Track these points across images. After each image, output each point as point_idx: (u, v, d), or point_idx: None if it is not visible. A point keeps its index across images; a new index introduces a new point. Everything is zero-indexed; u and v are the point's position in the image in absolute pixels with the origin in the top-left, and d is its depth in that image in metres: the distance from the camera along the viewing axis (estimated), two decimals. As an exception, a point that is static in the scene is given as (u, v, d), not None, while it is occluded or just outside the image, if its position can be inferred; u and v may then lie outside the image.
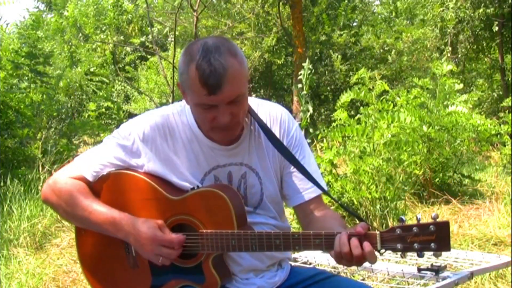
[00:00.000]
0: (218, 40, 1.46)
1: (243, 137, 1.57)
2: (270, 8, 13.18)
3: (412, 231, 1.35)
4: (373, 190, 4.03)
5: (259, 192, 1.58)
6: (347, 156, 4.44)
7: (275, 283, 1.62)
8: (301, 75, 4.05)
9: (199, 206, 1.49)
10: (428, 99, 5.49)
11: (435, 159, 5.46)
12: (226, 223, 1.46)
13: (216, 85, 1.39)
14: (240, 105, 1.46)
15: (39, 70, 7.14)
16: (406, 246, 1.36)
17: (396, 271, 2.19)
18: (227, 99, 1.42)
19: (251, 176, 1.58)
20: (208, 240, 1.47)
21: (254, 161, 1.58)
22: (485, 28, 12.01)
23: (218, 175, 1.56)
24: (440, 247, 1.34)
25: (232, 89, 1.41)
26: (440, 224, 1.34)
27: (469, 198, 5.41)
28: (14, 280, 3.27)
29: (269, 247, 1.45)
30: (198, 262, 1.50)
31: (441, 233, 1.34)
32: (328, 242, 1.40)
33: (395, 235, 1.36)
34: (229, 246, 1.46)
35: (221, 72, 1.39)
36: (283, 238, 1.43)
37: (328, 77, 13.44)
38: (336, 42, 13.28)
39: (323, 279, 1.62)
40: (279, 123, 1.60)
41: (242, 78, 1.44)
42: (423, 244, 1.35)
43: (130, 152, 1.55)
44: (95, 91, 11.69)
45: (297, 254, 2.53)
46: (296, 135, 1.62)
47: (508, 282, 3.05)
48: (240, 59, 1.44)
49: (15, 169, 5.50)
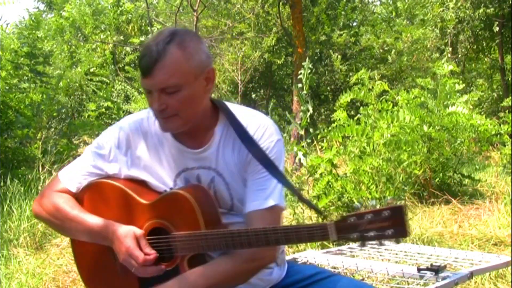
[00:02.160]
0: (179, 31, 1.48)
1: (212, 141, 1.56)
2: (270, 8, 13.18)
3: (366, 219, 1.29)
4: (373, 190, 4.03)
5: (228, 197, 1.58)
6: (347, 156, 4.44)
7: (271, 280, 1.61)
8: (301, 75, 4.05)
9: (168, 209, 1.51)
10: (428, 99, 5.49)
11: (435, 159, 5.47)
12: (194, 225, 1.47)
13: (147, 68, 1.42)
14: (175, 97, 1.45)
15: (39, 70, 7.14)
16: (362, 235, 1.30)
17: (396, 271, 2.19)
18: (157, 85, 1.43)
19: (219, 181, 1.57)
20: (180, 242, 1.48)
21: (221, 167, 1.56)
22: (485, 28, 12.02)
23: (188, 177, 1.57)
24: (397, 233, 1.27)
25: (163, 77, 1.42)
26: (394, 208, 1.27)
27: (469, 198, 5.40)
28: (14, 280, 3.27)
29: (237, 246, 1.43)
30: (176, 264, 1.51)
31: (396, 218, 1.27)
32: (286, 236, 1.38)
33: (349, 224, 1.31)
34: (199, 247, 1.46)
35: (155, 56, 1.41)
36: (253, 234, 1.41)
37: (328, 77, 13.44)
38: (336, 42, 13.27)
39: (323, 278, 1.61)
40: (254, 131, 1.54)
41: (180, 70, 1.43)
42: (379, 231, 1.28)
43: (108, 160, 1.60)
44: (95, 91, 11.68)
45: (297, 254, 2.53)
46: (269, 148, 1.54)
47: (508, 282, 3.05)
48: (187, 54, 1.44)
49: (15, 169, 5.50)
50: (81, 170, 1.63)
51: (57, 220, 1.60)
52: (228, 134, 1.56)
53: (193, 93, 1.48)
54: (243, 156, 1.55)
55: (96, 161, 1.61)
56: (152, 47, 1.42)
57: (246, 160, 1.54)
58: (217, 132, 1.57)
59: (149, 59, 1.42)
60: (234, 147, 1.56)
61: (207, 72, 1.50)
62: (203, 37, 12.75)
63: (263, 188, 1.51)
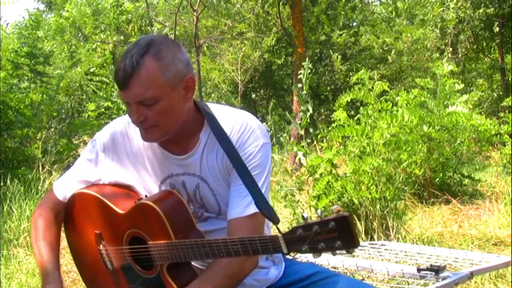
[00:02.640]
0: (156, 40, 1.44)
1: (197, 148, 1.54)
2: (270, 8, 13.17)
3: (312, 230, 1.24)
4: (373, 190, 4.03)
5: (215, 202, 1.56)
6: (347, 156, 4.44)
7: (267, 280, 1.59)
8: (301, 75, 4.05)
9: (140, 220, 1.50)
10: (428, 99, 5.49)
11: (435, 159, 5.47)
12: (164, 234, 1.45)
13: (122, 82, 1.40)
14: (154, 109, 1.42)
15: (39, 70, 7.14)
16: (311, 247, 1.26)
17: (396, 271, 2.19)
18: (133, 98, 1.41)
19: (204, 187, 1.56)
20: (155, 251, 1.47)
21: (205, 173, 1.55)
22: (485, 28, 12.01)
23: (174, 183, 1.56)
24: (345, 244, 1.22)
25: (139, 90, 1.39)
26: (340, 218, 1.22)
27: (469, 198, 5.41)
28: (14, 280, 3.27)
29: (208, 255, 1.41)
30: (157, 272, 1.51)
31: (342, 229, 1.22)
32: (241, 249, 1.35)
33: (297, 236, 1.26)
34: (172, 256, 1.45)
35: (129, 70, 1.38)
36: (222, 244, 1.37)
37: (328, 77, 13.44)
38: (336, 42, 13.27)
39: (322, 278, 1.59)
40: (241, 132, 1.52)
41: (156, 83, 1.40)
42: (328, 242, 1.24)
43: (95, 165, 1.61)
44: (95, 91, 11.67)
45: (297, 254, 2.52)
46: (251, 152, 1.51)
47: (508, 282, 3.05)
48: (163, 65, 1.40)
49: (15, 169, 5.50)
50: (71, 179, 1.65)
51: (32, 241, 1.70)
52: (213, 139, 1.53)
53: (172, 103, 1.44)
54: (227, 161, 1.51)
55: (84, 168, 1.63)
56: (126, 60, 1.39)
57: (229, 166, 1.52)
58: (202, 138, 1.55)
59: (124, 72, 1.39)
60: (218, 152, 1.53)
61: (185, 81, 1.46)
62: (204, 37, 12.76)
63: (244, 195, 1.47)
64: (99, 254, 1.60)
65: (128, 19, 15.73)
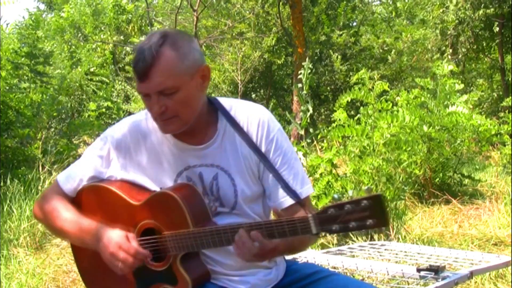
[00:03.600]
0: (170, 32, 1.48)
1: (215, 138, 1.56)
2: (270, 8, 13.18)
3: (345, 209, 1.27)
4: (373, 190, 4.03)
5: (232, 194, 1.56)
6: (347, 156, 4.44)
7: (271, 280, 1.60)
8: (301, 75, 4.05)
9: (157, 210, 1.50)
10: (428, 99, 5.49)
11: (435, 159, 5.47)
12: (183, 224, 1.46)
13: (143, 73, 1.42)
14: (174, 99, 1.45)
15: (39, 70, 7.14)
16: (342, 226, 1.27)
17: (396, 271, 2.19)
18: (154, 88, 1.43)
19: (223, 178, 1.55)
20: (171, 242, 1.48)
21: (226, 163, 1.55)
22: (485, 28, 12.01)
23: (190, 175, 1.56)
24: (377, 223, 1.24)
25: (160, 80, 1.42)
26: (373, 198, 1.25)
27: (469, 198, 5.40)
28: (14, 280, 3.27)
29: (228, 242, 1.42)
30: (168, 264, 1.51)
31: (375, 208, 1.24)
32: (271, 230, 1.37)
33: (328, 215, 1.28)
34: (189, 246, 1.46)
35: (149, 60, 1.41)
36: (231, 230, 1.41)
37: (328, 77, 13.44)
38: (336, 42, 13.28)
39: (322, 277, 1.59)
40: (257, 126, 1.56)
41: (176, 72, 1.43)
42: (359, 221, 1.26)
43: (106, 162, 1.60)
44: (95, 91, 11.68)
45: (297, 254, 2.52)
46: (276, 138, 1.56)
47: (508, 282, 3.05)
48: (181, 55, 1.44)
49: (15, 169, 5.50)
50: (79, 173, 1.62)
51: (53, 223, 1.61)
52: (231, 130, 1.56)
53: (191, 92, 1.48)
54: (251, 152, 1.55)
55: (95, 163, 1.61)
56: (145, 51, 1.42)
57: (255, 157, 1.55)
58: (219, 128, 1.56)
59: (144, 63, 1.42)
60: (239, 142, 1.55)
61: (202, 70, 1.50)
62: (204, 37, 12.76)
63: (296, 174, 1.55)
64: None
65: (128, 19, 15.74)
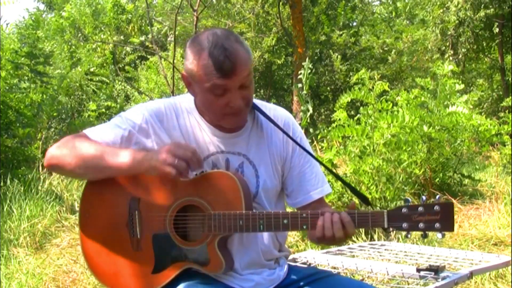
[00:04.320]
0: (225, 30, 1.54)
1: (245, 128, 1.62)
2: (270, 8, 13.18)
3: (417, 211, 1.40)
4: (373, 190, 4.03)
5: (254, 184, 1.60)
6: (347, 156, 4.44)
7: (274, 280, 1.62)
8: (301, 75, 4.05)
9: (208, 188, 1.52)
10: (428, 99, 5.49)
11: (435, 159, 5.46)
12: (235, 204, 1.49)
13: (231, 69, 1.46)
14: (250, 89, 1.53)
15: (39, 70, 7.14)
16: (411, 225, 1.41)
17: (396, 271, 2.19)
18: (239, 82, 1.48)
19: (248, 168, 1.60)
20: (216, 221, 1.49)
21: (252, 153, 1.61)
22: (485, 28, 12.02)
23: (216, 161, 1.59)
24: (444, 227, 1.39)
25: (245, 73, 1.49)
26: (445, 204, 1.39)
27: (469, 198, 5.40)
28: (14, 280, 3.27)
29: (277, 227, 1.48)
30: (203, 243, 1.51)
31: (445, 214, 1.38)
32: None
33: (401, 213, 1.41)
34: (236, 226, 1.48)
35: (235, 56, 1.46)
36: (291, 217, 1.47)
37: (328, 77, 13.44)
38: (336, 42, 13.28)
39: (322, 277, 1.62)
40: (283, 125, 1.64)
41: (249, 64, 1.51)
42: (428, 223, 1.39)
43: (140, 130, 1.57)
44: (95, 91, 11.68)
45: (297, 254, 2.53)
46: (300, 139, 1.66)
47: (508, 282, 3.05)
48: (246, 48, 1.52)
49: (15, 169, 5.50)
50: (111, 132, 1.56)
51: (86, 159, 1.51)
52: (259, 125, 1.63)
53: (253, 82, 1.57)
54: (280, 148, 1.63)
55: (129, 129, 1.56)
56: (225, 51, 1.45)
57: (283, 153, 1.63)
58: (248, 120, 1.62)
59: (231, 61, 1.45)
60: (267, 137, 1.63)
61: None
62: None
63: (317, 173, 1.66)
64: (128, 220, 1.56)
65: (128, 19, 15.74)
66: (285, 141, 1.64)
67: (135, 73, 14.57)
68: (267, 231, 1.52)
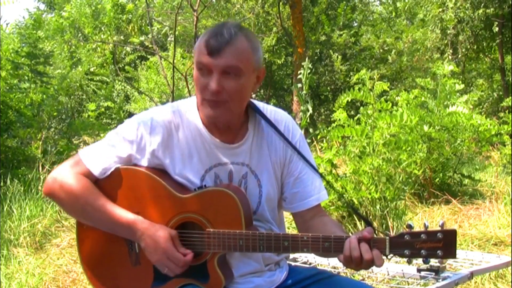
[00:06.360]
0: (240, 24, 1.55)
1: (247, 137, 1.59)
2: (270, 8, 13.18)
3: (420, 238, 1.39)
4: (373, 190, 4.03)
5: (257, 195, 1.59)
6: (347, 156, 4.44)
7: (274, 281, 1.62)
8: (301, 75, 4.05)
9: (207, 205, 1.50)
10: (428, 99, 5.49)
11: (435, 159, 5.46)
12: (235, 223, 1.48)
13: (217, 48, 1.44)
14: (234, 81, 1.46)
15: (39, 70, 7.13)
16: (413, 252, 1.39)
17: (396, 271, 2.19)
18: (222, 65, 1.44)
19: (251, 178, 1.58)
20: (215, 239, 1.48)
21: (254, 162, 1.58)
22: (485, 28, 12.01)
23: (219, 173, 1.56)
24: (446, 254, 1.38)
25: (230, 58, 1.44)
26: (448, 232, 1.38)
27: (469, 198, 5.40)
28: (14, 280, 3.27)
29: (277, 249, 1.46)
30: (203, 261, 1.50)
31: (448, 241, 1.38)
32: (337, 246, 1.42)
33: (403, 240, 1.40)
34: (236, 246, 1.47)
35: (226, 38, 1.44)
36: (292, 240, 1.45)
37: (328, 77, 13.44)
38: (336, 42, 13.28)
39: (323, 278, 1.62)
40: (283, 129, 1.62)
41: (246, 58, 1.47)
42: (430, 251, 1.38)
43: (138, 147, 1.54)
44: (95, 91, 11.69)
45: (297, 254, 2.53)
46: (299, 143, 1.64)
47: (508, 282, 3.05)
48: (253, 47, 1.49)
49: (15, 169, 5.50)
50: (108, 155, 1.53)
51: (77, 205, 1.52)
52: (260, 131, 1.61)
53: (247, 84, 1.51)
54: (280, 154, 1.61)
55: (126, 147, 1.53)
56: (223, 30, 1.45)
57: (283, 159, 1.61)
58: (250, 128, 1.60)
59: (221, 39, 1.44)
60: (268, 144, 1.61)
61: (259, 71, 1.55)
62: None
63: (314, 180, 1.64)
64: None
65: (128, 19, 15.74)
66: (285, 146, 1.62)
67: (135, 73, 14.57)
68: (267, 252, 1.50)
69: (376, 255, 1.38)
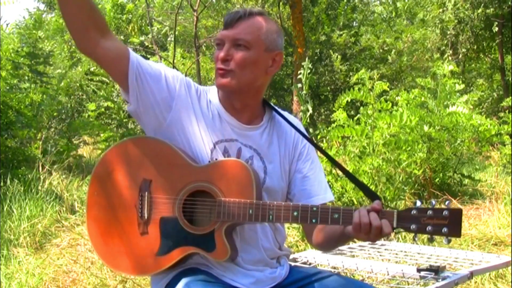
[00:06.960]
0: (263, 11, 1.63)
1: (260, 126, 1.65)
2: (270, 8, 13.18)
3: (427, 214, 1.42)
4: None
5: (261, 179, 1.61)
6: (347, 156, 4.44)
7: (275, 278, 1.63)
8: (301, 75, 4.05)
9: (221, 175, 1.52)
10: (428, 99, 5.49)
11: (435, 159, 5.47)
12: (246, 193, 1.50)
13: (231, 21, 1.55)
14: (241, 54, 1.54)
15: (39, 70, 7.13)
16: (419, 227, 1.42)
17: (396, 271, 2.19)
18: (232, 36, 1.54)
19: (258, 162, 1.62)
20: (226, 208, 1.49)
21: (263, 150, 1.63)
22: (485, 28, 12.02)
23: (229, 147, 1.60)
24: (451, 232, 1.41)
25: (241, 31, 1.54)
26: (454, 210, 1.41)
27: (469, 198, 5.40)
28: (14, 280, 3.27)
29: (286, 218, 1.48)
30: (211, 230, 1.51)
31: (454, 219, 1.41)
32: (346, 217, 1.45)
33: (410, 215, 1.43)
34: (246, 215, 1.49)
35: (242, 14, 1.55)
36: (301, 210, 1.48)
37: (328, 77, 13.43)
38: (336, 42, 13.28)
39: (323, 278, 1.63)
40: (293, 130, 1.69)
41: (257, 34, 1.55)
42: (436, 227, 1.41)
43: (171, 86, 1.58)
44: (95, 91, 11.67)
45: (297, 254, 2.53)
46: (308, 145, 1.70)
47: (508, 282, 3.05)
48: (268, 28, 1.57)
49: (15, 169, 5.50)
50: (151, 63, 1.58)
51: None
52: (273, 125, 1.67)
53: (257, 60, 1.56)
54: (290, 149, 1.67)
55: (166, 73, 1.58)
56: (242, 9, 1.57)
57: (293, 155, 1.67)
58: (264, 120, 1.66)
59: (236, 14, 1.55)
60: (279, 138, 1.66)
61: (276, 54, 1.60)
62: (204, 37, 12.75)
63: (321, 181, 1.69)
64: (138, 201, 1.56)
65: (128, 19, 15.73)
66: (294, 145, 1.68)
67: (135, 73, 14.55)
68: (276, 222, 1.52)
69: (384, 223, 1.41)
